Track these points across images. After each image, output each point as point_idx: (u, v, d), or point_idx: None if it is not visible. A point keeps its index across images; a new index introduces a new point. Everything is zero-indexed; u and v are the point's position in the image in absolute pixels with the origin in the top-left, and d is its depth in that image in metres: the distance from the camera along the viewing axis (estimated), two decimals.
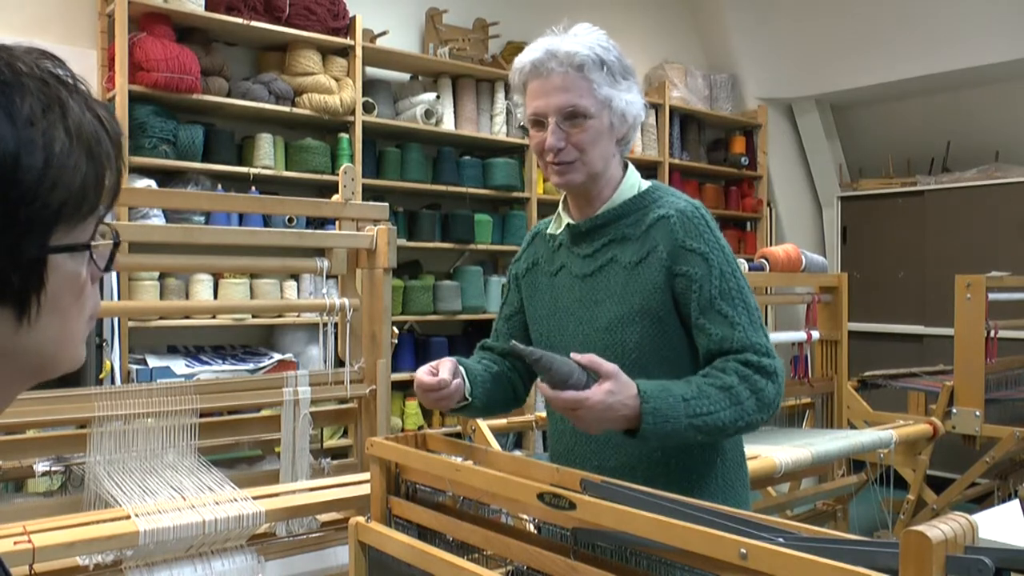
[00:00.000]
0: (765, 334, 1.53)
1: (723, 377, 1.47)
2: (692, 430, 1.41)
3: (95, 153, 0.69)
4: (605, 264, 1.60)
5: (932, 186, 5.95)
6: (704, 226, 1.56)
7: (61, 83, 0.68)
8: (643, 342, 1.54)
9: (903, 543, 0.85)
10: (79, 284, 0.72)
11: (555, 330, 1.66)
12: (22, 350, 0.70)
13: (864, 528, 4.20)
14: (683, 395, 1.42)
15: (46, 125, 0.65)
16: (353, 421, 2.50)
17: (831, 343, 3.82)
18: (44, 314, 0.69)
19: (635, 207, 1.61)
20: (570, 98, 1.53)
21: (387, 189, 4.50)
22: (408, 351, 4.55)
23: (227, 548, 1.72)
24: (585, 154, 1.56)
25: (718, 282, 1.51)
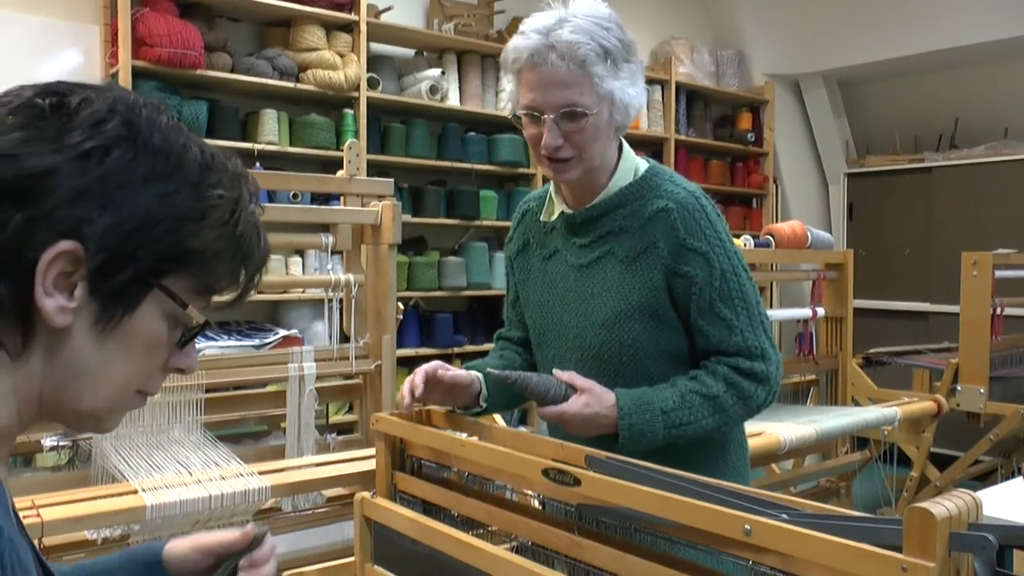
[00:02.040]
0: (765, 331, 1.52)
1: (710, 385, 1.48)
2: (672, 438, 1.46)
3: (240, 248, 0.79)
4: (602, 256, 1.56)
5: (940, 163, 5.92)
6: (704, 220, 1.50)
7: (252, 191, 0.81)
8: (641, 338, 1.52)
9: (907, 520, 0.85)
10: (156, 339, 0.77)
11: (550, 319, 1.63)
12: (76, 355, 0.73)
13: (867, 505, 4.22)
14: (663, 407, 1.45)
15: (220, 198, 0.76)
16: (358, 397, 2.51)
17: (836, 320, 3.82)
18: (114, 337, 0.74)
19: (633, 195, 1.55)
20: (570, 95, 1.44)
21: (392, 165, 4.49)
22: (413, 327, 4.56)
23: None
24: (583, 151, 1.49)
25: (718, 283, 1.48)
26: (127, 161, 0.72)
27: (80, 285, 0.71)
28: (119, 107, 0.74)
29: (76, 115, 0.71)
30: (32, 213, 0.68)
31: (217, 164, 0.78)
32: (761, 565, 1.00)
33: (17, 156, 0.69)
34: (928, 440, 3.76)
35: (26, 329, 0.71)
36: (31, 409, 0.74)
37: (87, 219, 0.70)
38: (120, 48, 3.61)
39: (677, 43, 5.94)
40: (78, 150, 0.70)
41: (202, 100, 3.92)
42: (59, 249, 0.69)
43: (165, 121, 0.76)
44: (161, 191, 0.73)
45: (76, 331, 0.72)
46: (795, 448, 3.00)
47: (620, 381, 1.53)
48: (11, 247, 0.68)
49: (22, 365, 0.72)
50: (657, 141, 5.65)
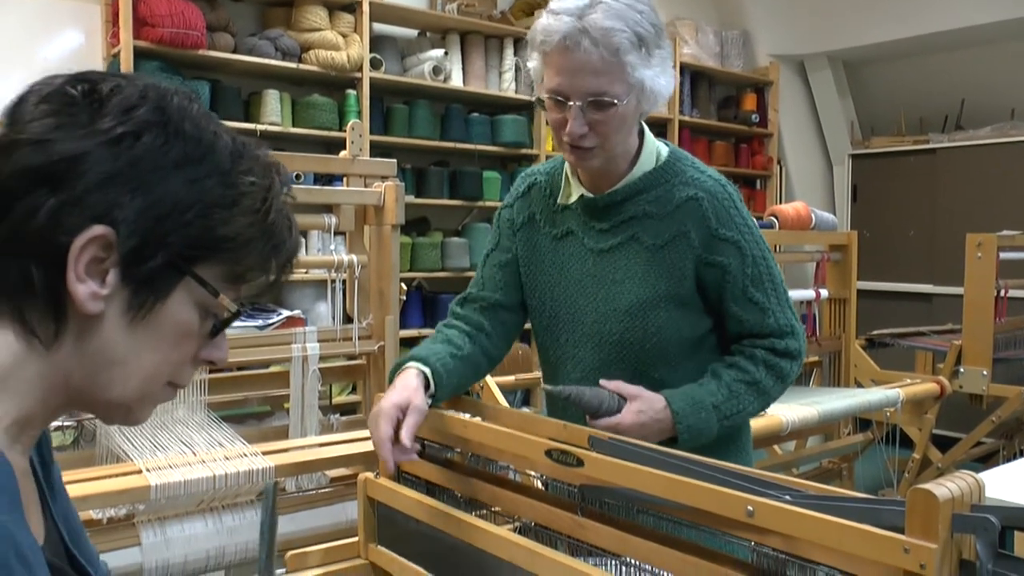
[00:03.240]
0: (790, 307, 1.54)
1: (751, 371, 1.50)
2: (724, 430, 1.49)
3: (271, 236, 0.78)
4: (625, 241, 1.53)
5: (945, 144, 5.89)
6: (734, 209, 1.51)
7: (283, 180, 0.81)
8: (666, 325, 1.51)
9: (910, 501, 0.85)
10: (187, 328, 0.77)
11: (562, 304, 1.60)
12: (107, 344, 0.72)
13: (869, 487, 4.23)
14: (713, 402, 1.47)
15: (252, 185, 0.76)
16: (361, 377, 2.52)
17: (839, 301, 3.82)
18: (145, 325, 0.73)
19: (657, 181, 1.52)
20: (600, 84, 1.39)
21: (395, 146, 4.47)
22: (416, 308, 4.56)
23: (237, 503, 1.74)
24: (607, 141, 1.45)
25: (750, 270, 1.49)
26: (158, 146, 0.72)
27: (112, 271, 0.71)
28: (150, 94, 0.74)
29: (107, 101, 0.72)
30: (64, 197, 0.69)
31: (248, 152, 0.78)
32: (763, 546, 1.01)
33: (49, 141, 0.69)
34: (930, 422, 3.76)
35: (58, 316, 0.71)
36: (58, 398, 0.74)
37: (118, 203, 0.70)
38: (121, 28, 3.59)
39: (682, 24, 5.90)
40: (109, 135, 0.70)
41: (204, 81, 3.90)
42: (92, 234, 0.69)
43: (196, 109, 0.77)
44: (192, 176, 0.73)
45: (107, 319, 0.72)
46: (797, 430, 3.01)
47: (640, 366, 1.53)
48: (44, 232, 0.69)
49: (54, 353, 0.72)
50: (661, 122, 5.63)
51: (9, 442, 0.70)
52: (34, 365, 0.72)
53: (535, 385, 3.08)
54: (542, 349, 1.69)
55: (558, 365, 1.65)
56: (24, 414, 0.72)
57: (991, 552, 0.83)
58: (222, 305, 0.78)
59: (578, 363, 1.59)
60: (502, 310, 1.66)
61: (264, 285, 0.82)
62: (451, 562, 1.40)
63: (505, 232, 1.69)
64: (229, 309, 0.79)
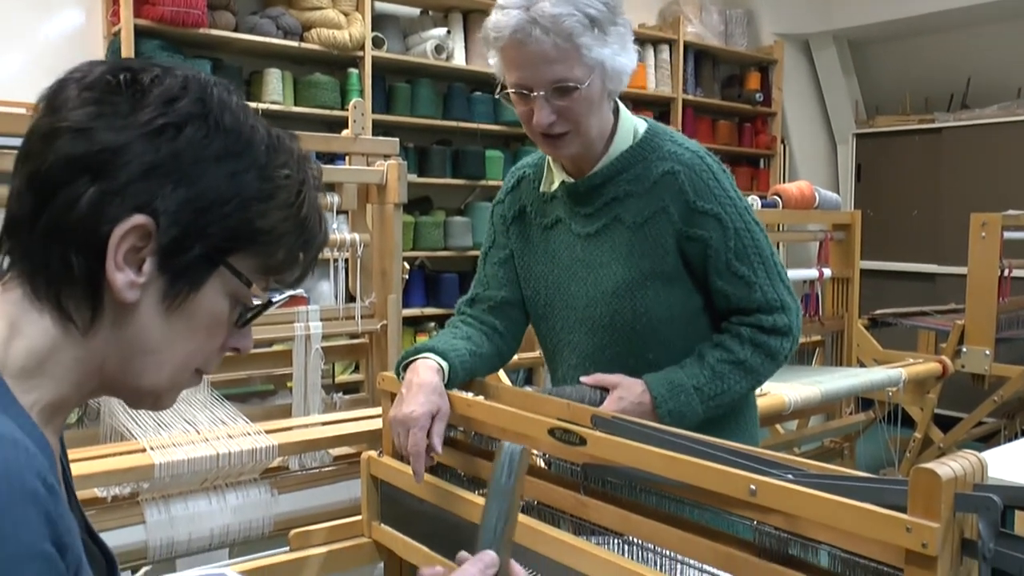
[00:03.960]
0: (782, 280, 1.51)
1: (736, 350, 1.48)
2: (712, 411, 1.47)
3: (304, 230, 0.80)
4: (609, 223, 1.52)
5: (950, 123, 5.86)
6: (712, 180, 1.47)
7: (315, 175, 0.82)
8: (654, 304, 1.50)
9: (912, 480, 0.85)
10: (219, 317, 0.78)
11: (555, 291, 1.59)
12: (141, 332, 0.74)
13: (870, 466, 4.24)
14: (695, 384, 1.46)
15: (287, 179, 0.77)
16: (364, 356, 2.52)
17: (843, 281, 3.81)
18: (179, 314, 0.75)
19: (635, 159, 1.50)
20: (559, 71, 1.38)
21: (397, 125, 4.46)
22: (419, 287, 4.57)
23: (241, 481, 1.75)
24: (579, 125, 1.44)
25: (733, 243, 1.46)
26: (200, 139, 0.73)
27: (149, 260, 0.72)
28: (191, 85, 0.74)
29: (149, 92, 0.72)
30: (106, 187, 0.69)
31: (283, 146, 0.79)
32: (766, 525, 1.01)
33: (90, 130, 0.70)
34: (932, 401, 3.76)
35: (95, 303, 0.72)
36: (91, 382, 0.75)
37: (160, 194, 0.71)
38: (122, 6, 3.58)
39: (686, 2, 5.86)
40: (151, 126, 0.71)
41: (205, 59, 3.89)
42: (132, 223, 0.70)
43: (235, 101, 0.77)
44: (231, 170, 0.74)
45: (143, 307, 0.73)
46: (800, 409, 3.01)
47: (634, 348, 1.53)
48: (86, 220, 0.69)
49: (90, 339, 0.73)
50: (664, 101, 5.60)
51: (42, 424, 0.71)
52: (70, 350, 0.73)
53: (538, 364, 3.08)
54: (540, 337, 1.69)
55: (555, 352, 1.65)
56: (58, 398, 0.73)
57: (993, 531, 0.83)
58: (252, 296, 0.79)
59: (574, 348, 1.59)
60: (509, 307, 1.66)
61: (292, 277, 0.83)
62: (454, 540, 1.40)
63: (499, 229, 1.69)
64: (260, 300, 0.80)
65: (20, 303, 0.72)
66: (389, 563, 1.63)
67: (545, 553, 1.21)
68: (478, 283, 1.70)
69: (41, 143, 0.71)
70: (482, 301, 1.67)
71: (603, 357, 1.55)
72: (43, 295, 0.71)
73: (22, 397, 0.70)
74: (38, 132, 0.72)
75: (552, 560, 1.20)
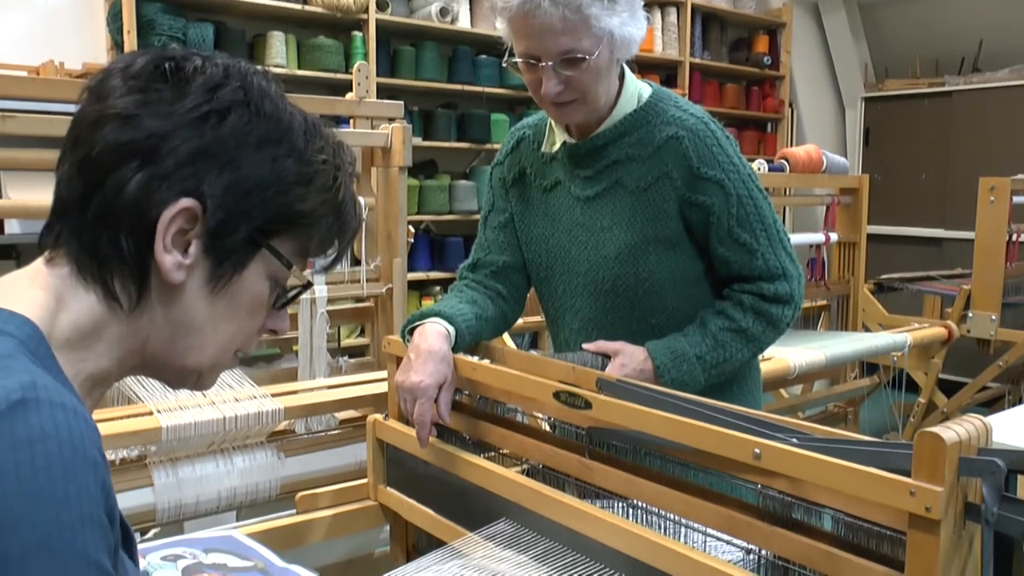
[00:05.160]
0: (785, 248, 1.50)
1: (738, 318, 1.48)
2: (713, 379, 1.48)
3: (340, 214, 0.83)
4: (610, 187, 1.51)
5: (961, 87, 5.80)
6: (716, 146, 1.46)
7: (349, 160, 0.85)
8: (656, 269, 1.49)
9: (917, 444, 0.85)
10: (260, 299, 0.81)
11: (556, 255, 1.59)
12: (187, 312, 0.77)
13: (874, 431, 4.25)
14: (697, 353, 1.46)
15: (324, 164, 0.80)
16: (369, 320, 2.53)
17: (849, 245, 3.80)
18: (223, 296, 0.78)
19: (638, 123, 1.50)
20: (566, 42, 1.37)
21: (402, 89, 4.43)
22: (424, 251, 4.57)
23: (248, 444, 1.76)
24: (586, 94, 1.43)
25: (735, 210, 1.45)
26: (242, 125, 0.75)
27: (195, 243, 0.75)
28: (233, 74, 0.77)
29: (192, 80, 0.75)
30: (154, 171, 0.72)
31: (319, 131, 0.82)
32: (770, 489, 1.01)
33: (137, 117, 0.72)
34: (937, 366, 3.77)
35: (141, 283, 0.74)
36: (132, 360, 0.78)
37: (206, 179, 0.74)
38: None
39: None
40: (197, 113, 0.74)
41: (208, 22, 3.85)
42: (180, 206, 0.72)
43: (274, 89, 0.80)
44: (272, 155, 0.77)
45: (188, 288, 0.76)
46: (804, 373, 3.02)
47: (636, 313, 1.52)
48: (135, 204, 0.72)
49: (135, 318, 0.75)
50: (672, 64, 5.55)
51: (83, 396, 0.73)
52: (114, 327, 0.75)
53: (543, 329, 3.09)
54: (541, 301, 1.68)
55: (557, 316, 1.64)
56: (99, 372, 0.76)
57: (996, 495, 0.83)
58: (292, 277, 0.82)
59: (576, 313, 1.59)
60: (511, 272, 1.66)
61: (327, 261, 0.87)
62: (459, 503, 1.41)
63: (498, 192, 1.68)
64: (299, 281, 0.84)
65: (67, 279, 0.74)
66: (395, 526, 1.65)
67: (549, 516, 1.22)
68: (479, 247, 1.69)
69: (89, 130, 0.73)
70: (484, 266, 1.67)
71: (605, 322, 1.55)
72: (90, 274, 0.74)
73: (66, 368, 0.72)
74: (86, 120, 0.74)
75: (556, 523, 1.21)
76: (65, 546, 0.59)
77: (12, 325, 0.69)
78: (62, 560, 0.59)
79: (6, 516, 0.57)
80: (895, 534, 0.89)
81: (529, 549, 1.25)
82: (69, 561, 0.59)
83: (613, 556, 1.13)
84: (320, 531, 1.59)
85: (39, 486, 0.59)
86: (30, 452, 0.59)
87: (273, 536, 1.51)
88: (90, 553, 0.61)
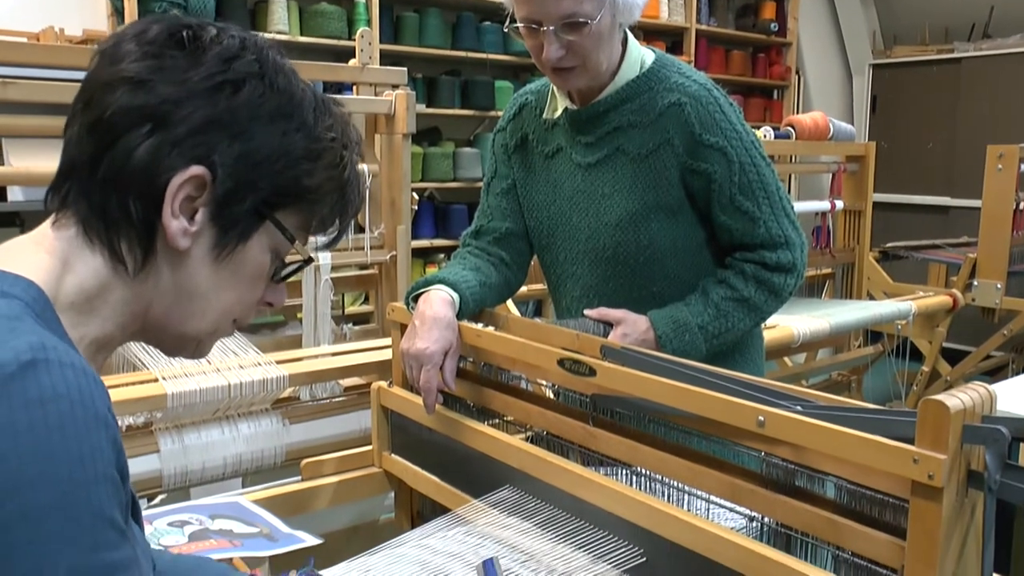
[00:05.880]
0: (788, 215, 1.49)
1: (740, 287, 1.48)
2: (715, 348, 1.48)
3: (344, 191, 0.83)
4: (611, 154, 1.50)
5: (971, 53, 5.74)
6: (719, 113, 1.45)
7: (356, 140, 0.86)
8: (658, 237, 1.49)
9: (921, 412, 0.85)
10: (261, 270, 0.82)
11: (557, 222, 1.58)
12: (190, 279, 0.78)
13: (877, 399, 4.26)
14: (699, 323, 1.46)
15: (332, 141, 0.81)
16: (374, 287, 2.53)
17: (855, 213, 3.78)
18: (226, 265, 0.79)
19: (640, 89, 1.48)
20: (568, 5, 1.35)
21: (405, 55, 4.39)
22: (428, 218, 4.56)
23: (253, 411, 1.77)
24: (588, 60, 1.41)
25: (738, 177, 1.44)
26: (256, 97, 0.76)
27: (202, 211, 0.75)
28: (249, 46, 0.78)
29: (208, 50, 0.76)
30: (165, 137, 0.73)
31: (328, 109, 0.83)
32: (773, 456, 1.01)
33: (150, 82, 0.73)
34: (941, 335, 3.76)
35: (147, 248, 0.75)
36: (135, 324, 0.79)
37: (218, 148, 0.74)
38: None
39: None
40: (211, 82, 0.74)
41: None
42: (190, 173, 0.73)
43: (287, 65, 0.81)
44: (283, 129, 0.77)
45: (193, 255, 0.77)
46: (808, 341, 3.02)
47: (637, 281, 1.52)
48: (145, 169, 0.73)
49: (139, 282, 0.76)
50: (677, 31, 5.49)
51: (88, 359, 0.73)
52: (119, 291, 0.76)
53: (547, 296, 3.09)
54: (544, 267, 1.68)
55: (559, 283, 1.64)
56: (103, 335, 0.76)
57: (999, 463, 0.83)
58: (294, 251, 0.83)
59: (577, 280, 1.59)
60: (514, 239, 1.65)
61: (329, 238, 0.88)
62: (463, 470, 1.42)
63: (501, 158, 1.67)
64: (301, 256, 0.85)
65: (73, 240, 0.75)
66: (399, 492, 1.66)
67: (553, 483, 1.22)
68: (481, 214, 1.69)
69: (102, 93, 0.73)
70: (487, 233, 1.66)
71: (606, 289, 1.55)
72: (97, 235, 0.74)
73: (71, 331, 0.72)
74: (98, 82, 0.74)
75: (560, 490, 1.22)
76: (80, 503, 0.60)
77: (18, 288, 0.69)
78: (77, 516, 0.60)
79: (22, 475, 0.58)
80: (898, 502, 0.90)
81: (533, 516, 1.25)
82: (84, 517, 0.60)
83: (616, 523, 1.13)
84: (325, 497, 1.60)
85: (53, 445, 0.60)
86: (43, 412, 0.60)
87: (278, 502, 1.52)
88: (104, 509, 0.62)
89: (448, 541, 1.30)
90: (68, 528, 0.60)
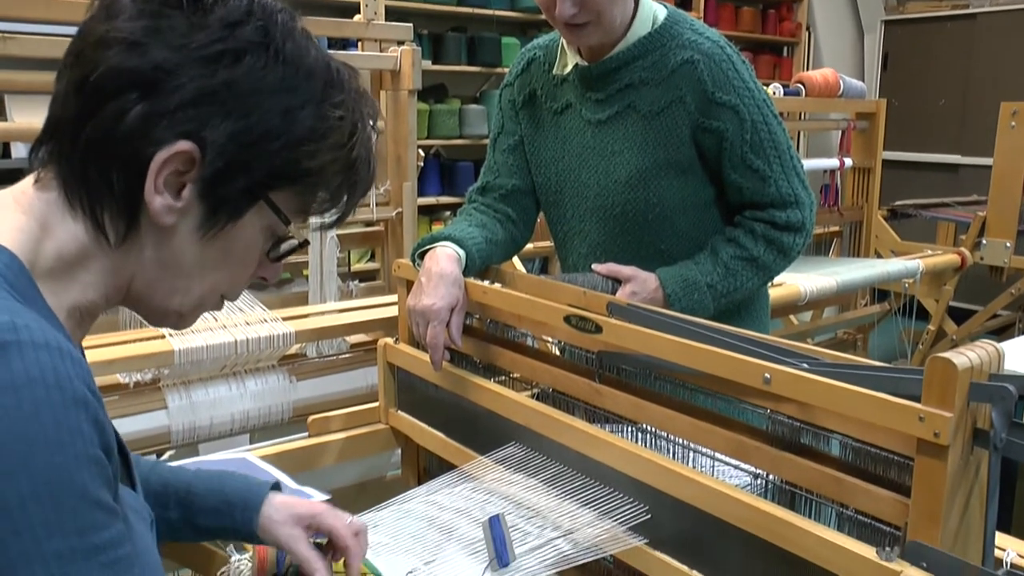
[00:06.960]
0: (798, 174, 1.49)
1: (750, 247, 1.47)
2: (723, 307, 1.48)
3: (351, 173, 0.78)
4: (622, 111, 1.49)
5: (986, 8, 5.65)
6: (732, 70, 1.43)
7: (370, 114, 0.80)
8: (667, 194, 1.48)
9: (928, 369, 0.85)
10: (253, 249, 0.78)
11: (565, 178, 1.57)
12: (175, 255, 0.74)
13: (883, 357, 4.26)
14: (708, 282, 1.46)
15: (340, 120, 0.75)
16: (379, 244, 2.53)
17: (864, 171, 3.76)
18: (214, 243, 0.74)
19: (652, 46, 1.46)
20: None
21: (411, 11, 4.34)
22: (434, 175, 4.54)
23: (260, 368, 1.77)
24: (602, 16, 1.40)
25: (750, 135, 1.43)
26: (258, 69, 0.71)
27: (189, 187, 0.71)
28: (256, 10, 0.72)
29: (211, 12, 0.70)
30: (154, 106, 0.68)
31: (342, 82, 0.77)
32: (779, 414, 1.01)
33: (143, 45, 0.68)
34: (948, 294, 3.76)
35: (130, 220, 0.71)
36: (118, 295, 0.76)
37: (210, 123, 0.69)
38: None
39: None
40: (210, 50, 0.69)
41: None
42: (177, 149, 0.69)
43: (299, 29, 0.75)
44: (286, 105, 0.72)
45: (179, 232, 0.73)
46: (815, 299, 3.02)
47: (645, 238, 1.52)
48: (129, 139, 0.68)
49: (121, 253, 0.73)
50: None
51: (69, 328, 0.72)
52: (100, 260, 0.72)
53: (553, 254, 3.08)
54: (551, 224, 1.68)
55: (566, 240, 1.64)
56: (85, 303, 0.73)
57: (1006, 421, 0.83)
58: (290, 232, 0.79)
59: (585, 237, 1.58)
60: (521, 195, 1.64)
61: (332, 218, 0.83)
62: (470, 427, 1.43)
63: (508, 114, 1.66)
64: (296, 237, 0.80)
65: (54, 204, 0.71)
66: (406, 449, 1.67)
67: (559, 440, 1.23)
68: (488, 171, 1.68)
69: (92, 49, 0.69)
70: (493, 189, 1.65)
71: (614, 247, 1.54)
72: (79, 203, 0.71)
73: (50, 299, 0.70)
74: (91, 37, 0.70)
75: (566, 447, 1.22)
76: (64, 488, 0.59)
77: None
78: (60, 503, 0.59)
79: (1, 464, 0.57)
80: (903, 459, 0.90)
81: (539, 473, 1.26)
82: (67, 502, 0.59)
83: (622, 480, 1.14)
84: (332, 454, 1.61)
85: (29, 432, 0.58)
86: (16, 398, 0.58)
87: (286, 459, 1.53)
88: (89, 491, 0.61)
89: (454, 497, 1.31)
90: (52, 515, 0.58)
